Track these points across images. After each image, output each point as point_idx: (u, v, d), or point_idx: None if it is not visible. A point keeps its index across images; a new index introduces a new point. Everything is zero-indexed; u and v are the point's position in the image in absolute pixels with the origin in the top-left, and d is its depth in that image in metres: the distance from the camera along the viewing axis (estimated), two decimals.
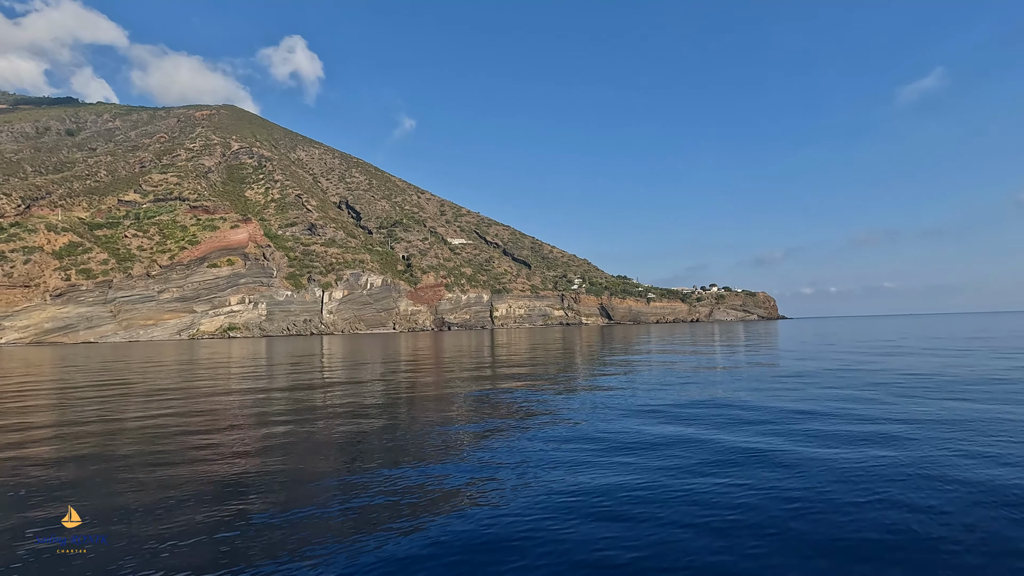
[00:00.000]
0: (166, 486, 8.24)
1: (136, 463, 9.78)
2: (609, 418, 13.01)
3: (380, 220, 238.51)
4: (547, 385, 20.21)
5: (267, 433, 12.24)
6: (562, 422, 12.69)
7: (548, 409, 14.48)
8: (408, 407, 16.42)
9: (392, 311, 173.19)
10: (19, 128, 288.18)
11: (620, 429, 11.70)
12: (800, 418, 12.47)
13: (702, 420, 12.51)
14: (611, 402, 15.54)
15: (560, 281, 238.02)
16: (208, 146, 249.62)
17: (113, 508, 7.34)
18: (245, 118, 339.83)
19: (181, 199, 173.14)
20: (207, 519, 6.73)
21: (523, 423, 12.52)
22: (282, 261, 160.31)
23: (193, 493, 7.69)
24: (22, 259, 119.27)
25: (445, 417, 14.42)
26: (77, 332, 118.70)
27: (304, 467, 9.12)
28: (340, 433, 12.10)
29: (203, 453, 10.46)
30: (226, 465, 9.33)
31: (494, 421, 13.31)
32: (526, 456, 9.67)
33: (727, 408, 14.02)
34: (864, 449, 9.57)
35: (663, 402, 15.29)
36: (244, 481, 8.26)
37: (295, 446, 10.82)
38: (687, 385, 19.25)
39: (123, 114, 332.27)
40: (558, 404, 15.52)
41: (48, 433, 12.99)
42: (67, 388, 25.18)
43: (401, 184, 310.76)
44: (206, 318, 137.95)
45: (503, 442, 10.73)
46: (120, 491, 8.08)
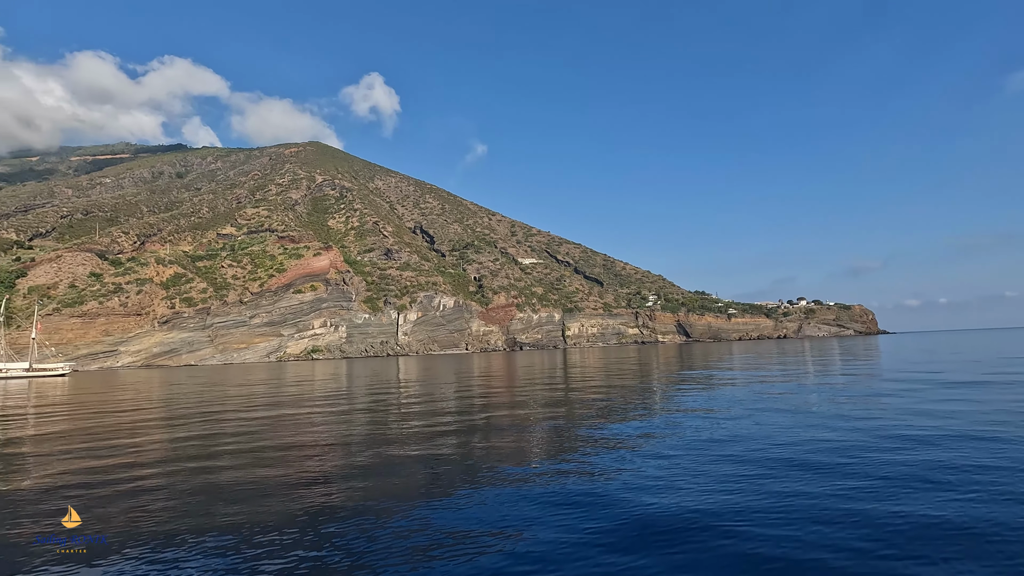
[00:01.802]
0: (257, 493, 9.00)
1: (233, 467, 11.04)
2: (702, 463, 10.53)
3: (452, 243, 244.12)
4: (624, 409, 18.55)
5: (348, 450, 13.19)
6: (641, 466, 11.05)
7: (623, 441, 12.94)
8: (482, 429, 15.88)
9: (464, 332, 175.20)
10: (138, 174, 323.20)
11: (718, 481, 9.23)
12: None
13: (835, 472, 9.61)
14: (704, 439, 12.91)
15: (634, 298, 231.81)
16: (295, 180, 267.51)
17: (206, 515, 8.08)
18: (328, 153, 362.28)
19: (270, 230, 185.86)
20: (291, 537, 7.12)
21: (596, 455, 11.18)
22: (360, 285, 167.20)
23: (279, 509, 8.23)
24: (135, 290, 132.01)
25: (518, 440, 13.51)
26: (180, 356, 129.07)
27: (382, 487, 9.56)
28: (416, 456, 12.23)
29: (291, 468, 11.43)
30: (309, 486, 9.89)
31: (569, 447, 12.18)
32: (601, 500, 8.33)
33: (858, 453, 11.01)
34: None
35: (773, 442, 12.35)
36: (329, 502, 8.63)
37: (374, 465, 11.42)
38: (795, 415, 16.61)
39: (223, 156, 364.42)
40: (636, 435, 13.92)
41: (165, 443, 14.43)
42: (201, 403, 26.95)
43: (472, 207, 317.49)
44: (292, 341, 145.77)
45: (579, 479, 9.50)
46: (216, 502, 8.85)
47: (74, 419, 23.05)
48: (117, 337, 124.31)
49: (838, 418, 15.18)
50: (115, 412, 25.48)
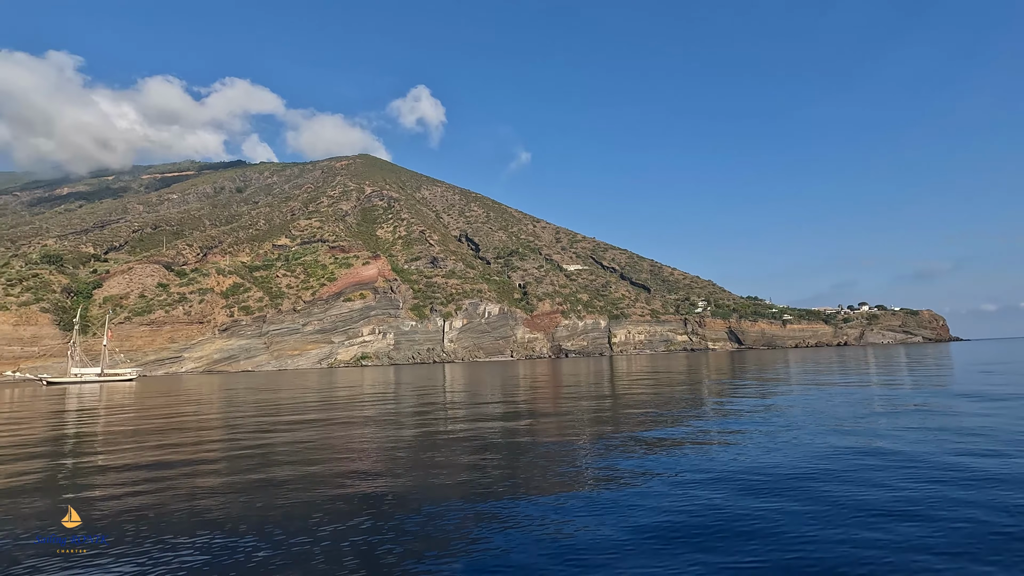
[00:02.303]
0: (308, 492, 9.39)
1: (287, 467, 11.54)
2: (760, 488, 9.20)
3: (497, 250, 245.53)
4: (675, 419, 17.76)
5: (394, 455, 13.47)
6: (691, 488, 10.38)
7: (673, 455, 12.29)
8: (527, 433, 15.74)
9: (509, 339, 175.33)
10: (202, 190, 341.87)
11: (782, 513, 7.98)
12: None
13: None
14: (763, 461, 11.40)
15: (682, 304, 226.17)
16: (345, 192, 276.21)
17: (259, 512, 8.45)
18: (377, 165, 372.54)
19: (322, 241, 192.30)
20: (336, 533, 7.40)
21: (645, 475, 10.62)
22: (407, 293, 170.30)
23: (328, 508, 8.58)
24: (198, 299, 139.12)
25: (563, 446, 13.16)
26: (239, 362, 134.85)
27: (428, 493, 9.64)
28: (462, 462, 12.20)
29: (342, 468, 11.89)
30: (360, 484, 10.31)
31: (618, 461, 11.61)
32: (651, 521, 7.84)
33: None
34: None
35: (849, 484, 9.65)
36: (374, 501, 9.01)
37: (420, 469, 11.54)
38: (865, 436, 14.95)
39: (279, 170, 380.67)
40: (687, 447, 13.24)
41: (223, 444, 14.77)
42: (257, 404, 28.03)
43: (517, 215, 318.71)
44: (342, 348, 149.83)
45: (632, 494, 8.99)
46: (270, 501, 9.27)
47: (141, 419, 24.27)
48: (181, 344, 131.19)
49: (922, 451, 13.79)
50: (178, 414, 26.68)
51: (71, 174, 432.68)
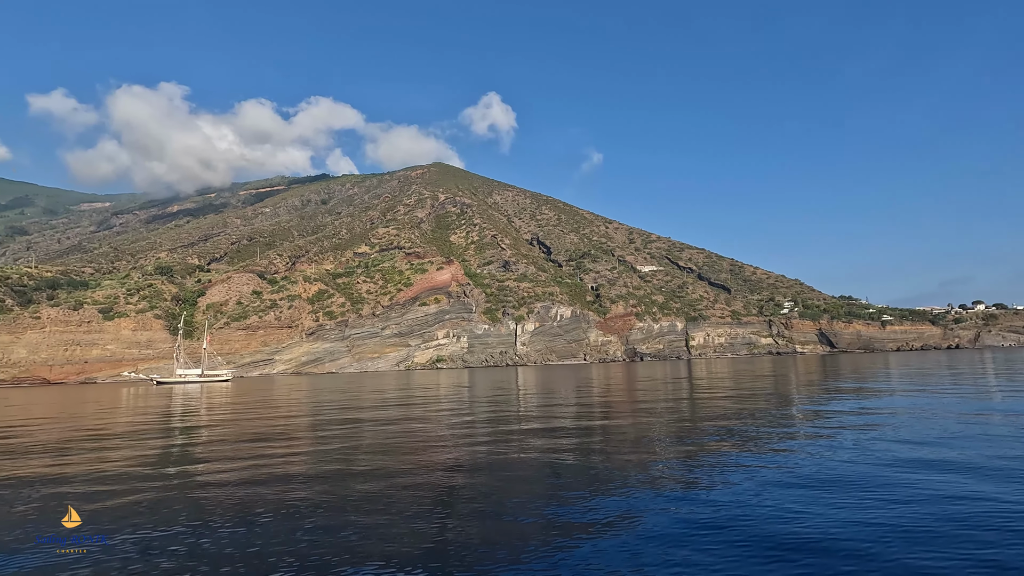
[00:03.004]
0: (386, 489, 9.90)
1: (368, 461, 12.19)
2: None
3: (569, 253, 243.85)
4: (762, 431, 16.35)
5: (471, 454, 13.63)
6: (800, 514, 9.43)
7: (758, 474, 11.27)
8: (601, 438, 15.38)
9: (582, 342, 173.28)
10: (291, 203, 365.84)
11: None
12: None
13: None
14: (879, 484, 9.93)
15: (766, 305, 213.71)
16: (420, 200, 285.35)
17: (340, 502, 9.04)
18: (450, 172, 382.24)
19: (399, 247, 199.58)
20: (415, 527, 7.69)
21: (722, 477, 9.80)
22: (480, 297, 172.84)
23: (405, 496, 8.99)
24: (287, 305, 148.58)
25: (639, 453, 12.58)
26: (324, 364, 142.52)
27: (501, 487, 9.82)
28: (536, 463, 12.17)
29: (420, 465, 12.26)
30: (436, 480, 10.67)
31: (697, 470, 10.88)
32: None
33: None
34: None
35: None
36: (451, 497, 9.34)
37: (496, 471, 11.61)
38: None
39: (359, 182, 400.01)
40: (772, 466, 12.12)
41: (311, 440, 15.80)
42: (343, 402, 29.65)
43: (589, 216, 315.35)
44: (419, 351, 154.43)
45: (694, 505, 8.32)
46: (349, 494, 10.00)
47: (236, 414, 26.02)
48: (273, 347, 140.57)
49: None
50: (270, 410, 28.37)
51: (180, 193, 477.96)
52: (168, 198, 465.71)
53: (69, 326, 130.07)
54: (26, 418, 30.20)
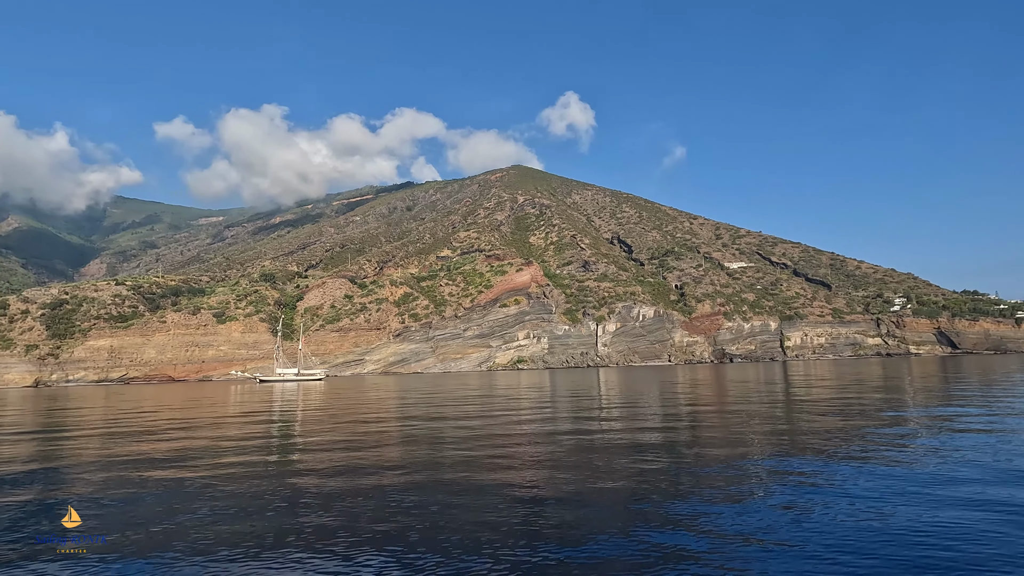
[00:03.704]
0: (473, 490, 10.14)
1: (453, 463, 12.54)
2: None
3: (651, 251, 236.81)
4: (876, 446, 14.46)
5: (555, 452, 13.64)
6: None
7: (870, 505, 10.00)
8: (686, 444, 14.70)
9: (666, 343, 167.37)
10: (378, 211, 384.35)
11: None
12: None
13: None
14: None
15: (873, 302, 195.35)
16: (500, 203, 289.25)
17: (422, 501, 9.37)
18: (529, 174, 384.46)
19: (479, 250, 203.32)
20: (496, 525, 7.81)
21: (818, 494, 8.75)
22: (560, 298, 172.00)
23: (488, 489, 9.47)
24: (376, 308, 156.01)
25: (728, 464, 11.66)
26: (409, 364, 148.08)
27: (586, 492, 9.62)
28: (620, 466, 11.95)
29: (504, 463, 12.49)
30: (520, 479, 10.79)
31: (798, 488, 9.66)
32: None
33: None
34: None
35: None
36: (536, 496, 9.41)
37: (580, 470, 11.56)
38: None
39: (441, 188, 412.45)
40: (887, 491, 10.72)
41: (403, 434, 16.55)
42: (432, 399, 30.87)
43: (672, 213, 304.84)
44: (500, 352, 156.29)
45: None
46: (438, 476, 10.81)
47: (332, 410, 27.49)
48: (363, 348, 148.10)
49: None
50: (364, 406, 29.75)
51: (282, 206, 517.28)
52: (271, 210, 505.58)
53: (189, 329, 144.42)
54: (158, 408, 33.70)
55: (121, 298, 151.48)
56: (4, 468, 13.72)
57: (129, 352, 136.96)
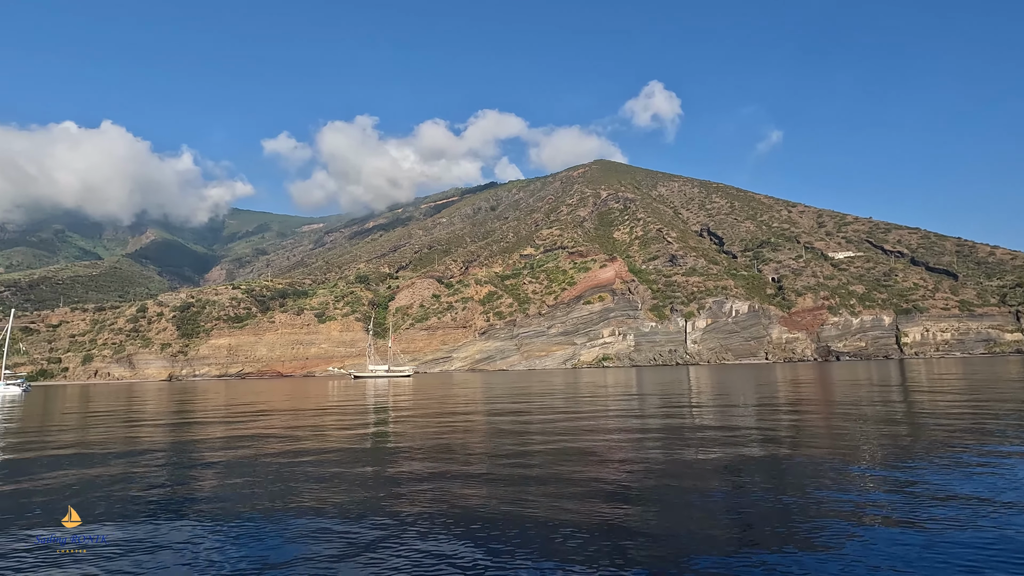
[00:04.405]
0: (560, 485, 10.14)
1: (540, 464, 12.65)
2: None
3: (744, 243, 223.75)
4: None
5: (642, 454, 13.46)
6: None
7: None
8: (792, 451, 13.27)
9: (762, 339, 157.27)
10: (464, 212, 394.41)
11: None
12: None
13: None
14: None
15: (1011, 293, 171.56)
16: (583, 199, 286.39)
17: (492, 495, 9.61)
18: (612, 168, 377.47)
19: (562, 247, 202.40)
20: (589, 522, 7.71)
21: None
22: (646, 294, 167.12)
23: (579, 503, 8.92)
24: (462, 307, 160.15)
25: (841, 481, 10.13)
26: (495, 362, 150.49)
27: (676, 500, 9.23)
28: (716, 470, 11.26)
29: (593, 461, 12.41)
30: (606, 477, 10.74)
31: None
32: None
33: None
34: None
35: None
36: (622, 494, 9.37)
37: (670, 477, 11.11)
38: None
39: (524, 186, 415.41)
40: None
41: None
42: (515, 397, 31.58)
43: (767, 201, 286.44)
44: (584, 349, 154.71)
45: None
46: (525, 473, 11.02)
47: (420, 403, 28.51)
48: (450, 346, 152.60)
49: None
50: (448, 400, 30.63)
51: (375, 211, 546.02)
52: (365, 216, 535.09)
53: (294, 328, 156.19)
54: (272, 400, 36.72)
55: (237, 301, 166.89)
56: (166, 438, 15.83)
57: (244, 350, 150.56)
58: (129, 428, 23.99)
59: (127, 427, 24.39)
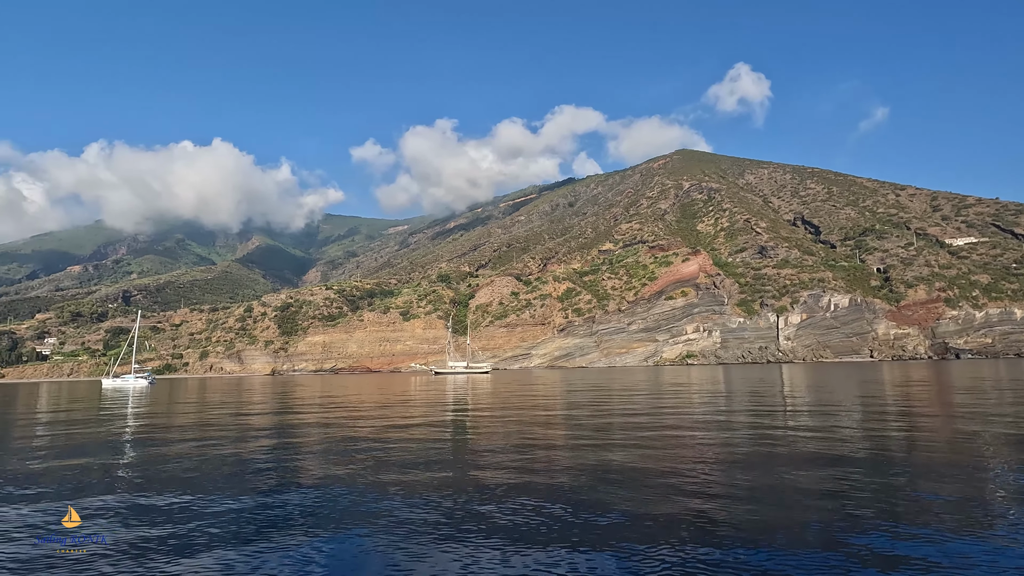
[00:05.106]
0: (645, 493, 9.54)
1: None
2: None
3: (844, 231, 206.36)
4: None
5: (731, 455, 12.69)
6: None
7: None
8: (905, 459, 11.57)
9: (866, 335, 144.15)
10: (542, 209, 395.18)
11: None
12: None
13: None
14: None
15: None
16: (663, 191, 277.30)
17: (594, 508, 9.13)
18: (694, 158, 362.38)
19: (642, 242, 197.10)
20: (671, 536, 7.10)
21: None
22: (732, 288, 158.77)
23: (662, 512, 8.40)
24: (540, 304, 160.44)
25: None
26: (574, 359, 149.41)
27: (768, 511, 8.31)
28: (815, 481, 9.82)
29: (675, 471, 11.59)
30: (694, 491, 9.66)
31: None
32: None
33: None
34: None
35: None
36: (712, 510, 8.28)
37: (759, 482, 10.25)
38: None
39: (603, 181, 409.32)
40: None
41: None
42: (596, 395, 31.63)
43: (870, 185, 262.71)
44: (667, 346, 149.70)
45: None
46: (605, 475, 10.58)
47: (498, 398, 29.02)
48: (529, 343, 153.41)
49: None
50: (525, 396, 30.92)
51: (456, 211, 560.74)
52: (446, 216, 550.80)
53: (381, 326, 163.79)
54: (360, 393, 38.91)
55: (330, 301, 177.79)
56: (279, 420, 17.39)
57: (337, 347, 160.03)
58: (260, 416, 26.32)
59: (259, 416, 26.75)
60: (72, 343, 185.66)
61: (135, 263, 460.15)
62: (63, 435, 20.41)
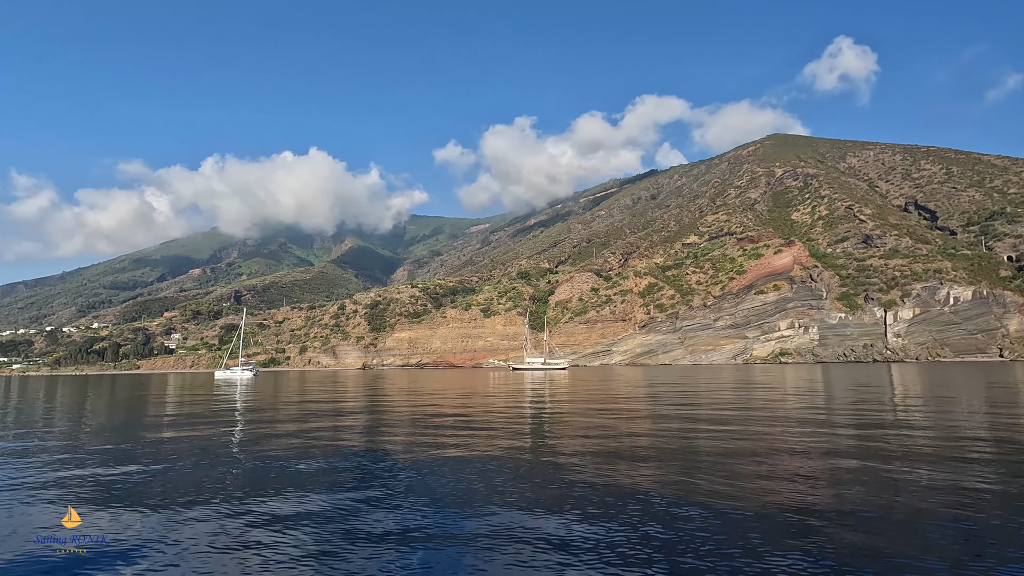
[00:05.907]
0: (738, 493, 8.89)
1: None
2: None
3: (967, 215, 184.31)
4: None
5: (831, 460, 11.49)
6: None
7: None
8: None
9: (993, 332, 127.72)
10: (623, 203, 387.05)
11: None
12: None
13: None
14: None
15: None
16: (753, 179, 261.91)
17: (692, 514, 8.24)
18: (788, 143, 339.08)
19: (729, 233, 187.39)
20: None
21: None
22: (832, 281, 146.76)
23: (759, 523, 7.55)
24: (620, 300, 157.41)
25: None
26: (656, 356, 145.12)
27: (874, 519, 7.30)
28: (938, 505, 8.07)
29: (767, 479, 10.22)
30: (794, 502, 8.56)
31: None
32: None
33: None
34: None
35: None
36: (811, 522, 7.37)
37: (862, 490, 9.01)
38: None
39: (687, 171, 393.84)
40: None
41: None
42: (676, 393, 31.09)
43: (1000, 163, 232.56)
44: (757, 343, 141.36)
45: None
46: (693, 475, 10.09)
47: (575, 395, 29.02)
48: (609, 340, 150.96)
49: None
50: (604, 395, 30.66)
51: (536, 208, 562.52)
52: (527, 214, 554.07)
53: (463, 323, 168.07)
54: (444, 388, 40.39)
55: (415, 298, 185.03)
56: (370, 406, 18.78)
57: (422, 342, 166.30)
58: (355, 401, 28.17)
59: (353, 404, 28.66)
60: (193, 338, 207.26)
61: (244, 265, 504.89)
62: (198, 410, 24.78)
